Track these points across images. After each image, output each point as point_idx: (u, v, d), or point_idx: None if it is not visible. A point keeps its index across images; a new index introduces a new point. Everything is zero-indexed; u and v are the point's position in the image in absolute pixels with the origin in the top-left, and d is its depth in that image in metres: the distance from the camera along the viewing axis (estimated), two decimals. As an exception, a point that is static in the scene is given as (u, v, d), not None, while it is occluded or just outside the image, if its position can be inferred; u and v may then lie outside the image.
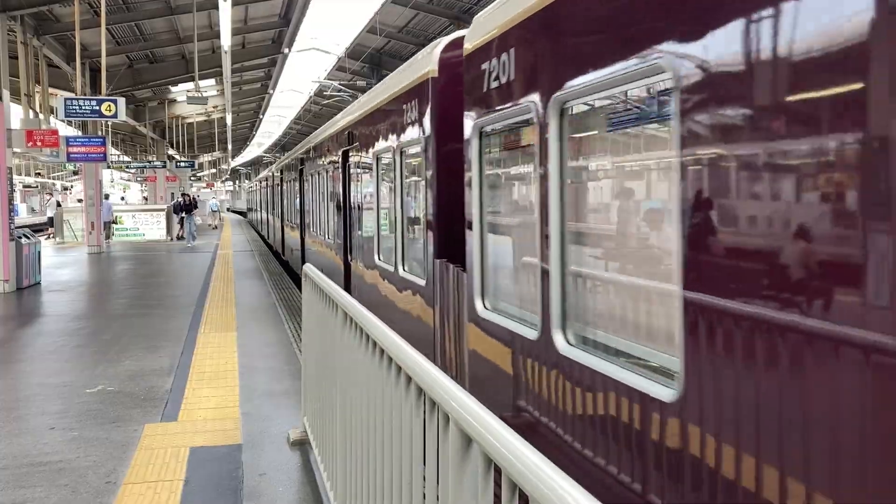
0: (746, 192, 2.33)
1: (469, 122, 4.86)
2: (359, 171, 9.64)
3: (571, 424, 3.52)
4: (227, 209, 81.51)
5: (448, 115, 5.91)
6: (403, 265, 7.24)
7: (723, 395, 2.41)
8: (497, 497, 1.69)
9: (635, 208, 3.33)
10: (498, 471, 1.66)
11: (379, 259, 8.32)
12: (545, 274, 3.76)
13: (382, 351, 2.79)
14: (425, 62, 6.38)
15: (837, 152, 1.97)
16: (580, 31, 3.42)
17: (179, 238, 31.41)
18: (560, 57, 3.58)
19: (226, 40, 20.09)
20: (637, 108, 3.21)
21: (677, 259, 2.65)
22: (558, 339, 3.65)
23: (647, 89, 3.03)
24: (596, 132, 3.62)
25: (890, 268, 1.84)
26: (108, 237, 31.22)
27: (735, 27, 2.33)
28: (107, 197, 39.09)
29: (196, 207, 31.91)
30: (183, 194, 32.13)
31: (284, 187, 22.23)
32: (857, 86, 1.90)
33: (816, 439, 2.05)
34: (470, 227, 4.95)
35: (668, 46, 2.68)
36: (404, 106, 6.95)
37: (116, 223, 32.33)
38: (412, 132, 6.69)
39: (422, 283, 6.45)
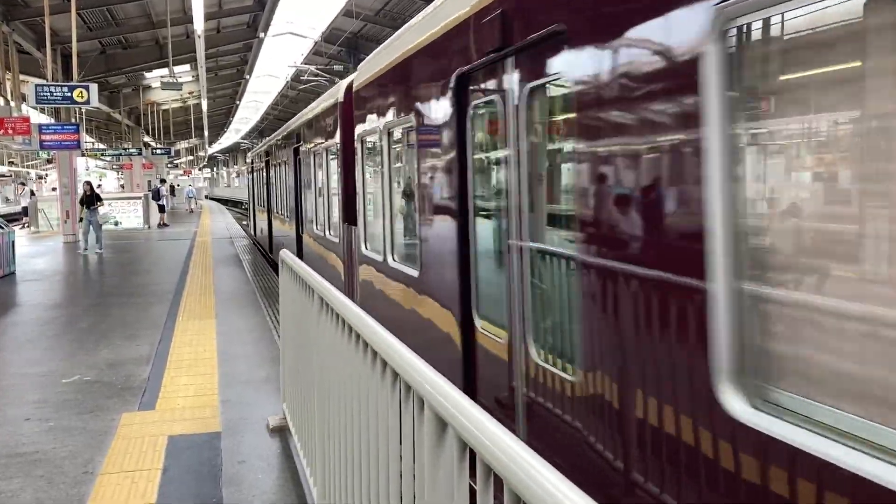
0: None
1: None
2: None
3: None
4: (206, 196, 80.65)
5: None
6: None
7: None
8: (474, 479, 1.68)
9: None
10: (473, 453, 1.64)
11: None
12: None
13: (359, 335, 2.76)
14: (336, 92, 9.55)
15: None
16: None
17: (161, 225, 30.57)
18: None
19: (199, 25, 19.86)
20: None
21: None
22: None
23: None
24: None
25: None
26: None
27: None
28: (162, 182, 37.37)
29: (100, 201, 20.88)
30: (86, 182, 21.30)
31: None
32: None
33: None
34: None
35: None
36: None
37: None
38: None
39: None
